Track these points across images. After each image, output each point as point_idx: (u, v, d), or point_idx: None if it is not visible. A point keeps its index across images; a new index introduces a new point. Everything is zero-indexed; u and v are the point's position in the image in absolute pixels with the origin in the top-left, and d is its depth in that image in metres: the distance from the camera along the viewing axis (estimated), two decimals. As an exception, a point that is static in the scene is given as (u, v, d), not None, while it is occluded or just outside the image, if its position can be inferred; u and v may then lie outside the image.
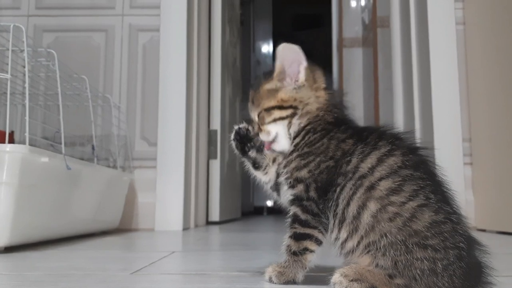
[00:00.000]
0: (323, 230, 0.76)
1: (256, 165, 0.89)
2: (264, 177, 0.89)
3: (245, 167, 0.91)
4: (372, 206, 0.69)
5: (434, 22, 2.21)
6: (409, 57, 2.37)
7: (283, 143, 0.83)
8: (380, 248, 0.68)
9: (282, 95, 0.83)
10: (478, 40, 2.16)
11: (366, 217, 0.69)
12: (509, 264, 1.10)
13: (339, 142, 0.78)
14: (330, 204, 0.75)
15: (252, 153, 0.89)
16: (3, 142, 1.28)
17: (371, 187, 0.70)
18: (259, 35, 5.64)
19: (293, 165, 0.80)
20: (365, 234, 0.69)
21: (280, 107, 0.82)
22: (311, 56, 0.86)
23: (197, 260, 1.18)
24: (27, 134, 1.27)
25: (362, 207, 0.70)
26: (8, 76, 1.28)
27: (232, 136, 0.90)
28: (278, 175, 0.85)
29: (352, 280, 0.67)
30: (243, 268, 1.00)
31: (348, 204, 0.71)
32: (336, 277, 0.68)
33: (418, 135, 2.30)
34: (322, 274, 0.77)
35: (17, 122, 1.86)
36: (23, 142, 1.27)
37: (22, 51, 1.41)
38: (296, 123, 0.82)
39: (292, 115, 0.82)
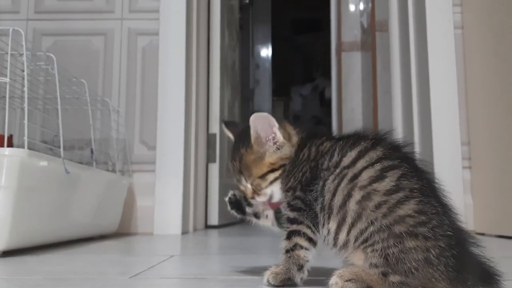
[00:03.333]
0: (310, 225, 0.79)
1: (257, 216, 0.93)
2: (269, 222, 0.93)
3: (253, 224, 0.94)
4: (356, 194, 0.71)
5: (433, 26, 2.21)
6: (407, 60, 2.38)
7: (278, 196, 0.86)
8: (368, 238, 0.69)
9: (269, 160, 0.85)
10: (477, 44, 2.16)
11: (351, 205, 0.71)
12: (509, 268, 1.10)
13: (318, 147, 0.82)
14: (314, 196, 0.77)
15: (249, 210, 0.93)
16: (2, 146, 1.28)
17: (354, 177, 0.72)
18: (258, 39, 5.65)
19: (283, 184, 0.84)
20: (352, 223, 0.71)
21: (273, 170, 0.85)
22: (310, 59, 0.87)
23: (196, 264, 1.17)
24: (25, 138, 1.27)
25: (347, 196, 0.72)
26: (7, 80, 1.28)
27: (229, 207, 0.95)
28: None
29: (347, 280, 0.68)
30: (242, 272, 1.00)
31: (333, 195, 0.74)
32: (333, 279, 0.70)
33: (416, 138, 2.30)
34: (321, 278, 0.77)
35: (15, 125, 1.86)
36: (22, 146, 1.26)
37: (21, 55, 1.41)
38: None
39: (283, 172, 0.85)
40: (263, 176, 0.85)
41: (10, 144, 1.51)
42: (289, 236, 0.80)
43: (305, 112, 6.45)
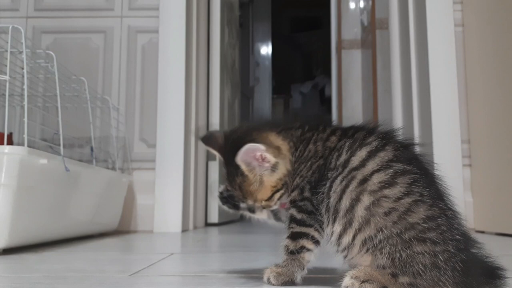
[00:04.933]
0: (319, 228, 0.77)
1: (252, 210, 0.90)
2: (264, 216, 0.90)
3: (247, 217, 0.92)
4: (366, 200, 0.69)
5: (433, 24, 2.21)
6: (407, 58, 2.38)
7: (285, 199, 0.84)
8: (377, 244, 0.68)
9: (269, 183, 0.81)
10: (477, 42, 2.16)
11: (359, 210, 0.69)
12: (509, 266, 1.09)
13: (324, 142, 0.79)
14: (320, 198, 0.75)
15: (243, 205, 0.89)
16: (2, 143, 1.28)
17: (364, 180, 0.70)
18: (258, 37, 5.65)
19: (289, 184, 0.81)
20: (359, 228, 0.69)
21: (277, 190, 0.82)
22: (310, 57, 0.85)
23: (196, 262, 1.17)
24: (25, 136, 1.27)
25: (355, 200, 0.70)
26: (7, 77, 1.28)
27: (220, 202, 0.91)
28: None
29: (363, 282, 0.67)
30: (242, 270, 1.00)
31: (340, 197, 0.72)
32: (347, 280, 0.68)
33: (416, 136, 2.29)
34: (321, 275, 0.77)
35: (15, 123, 1.86)
36: (22, 144, 1.26)
37: (20, 52, 1.41)
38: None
39: (287, 187, 0.82)
40: (269, 198, 0.83)
41: (10, 142, 1.50)
42: (295, 237, 0.78)
43: (305, 110, 6.45)
